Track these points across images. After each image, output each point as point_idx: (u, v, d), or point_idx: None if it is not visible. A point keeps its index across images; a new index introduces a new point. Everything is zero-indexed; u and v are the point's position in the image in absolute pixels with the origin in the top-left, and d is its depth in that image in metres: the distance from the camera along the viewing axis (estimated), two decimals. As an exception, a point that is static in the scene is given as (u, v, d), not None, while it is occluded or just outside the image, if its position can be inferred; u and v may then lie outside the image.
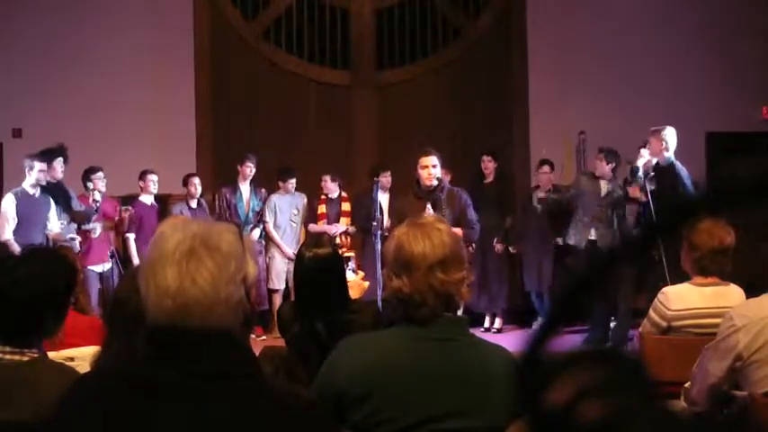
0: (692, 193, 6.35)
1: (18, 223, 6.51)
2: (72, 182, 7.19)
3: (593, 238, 7.12)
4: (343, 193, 8.17)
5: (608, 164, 7.21)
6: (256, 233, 7.87)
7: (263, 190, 8.09)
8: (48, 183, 6.76)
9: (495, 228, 7.86)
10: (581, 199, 7.25)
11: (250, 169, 7.93)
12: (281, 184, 8.10)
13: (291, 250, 7.86)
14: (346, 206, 8.14)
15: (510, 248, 7.92)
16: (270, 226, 8.06)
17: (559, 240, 7.55)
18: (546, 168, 7.80)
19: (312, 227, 7.86)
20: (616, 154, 7.28)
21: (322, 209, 8.08)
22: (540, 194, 7.83)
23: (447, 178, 7.51)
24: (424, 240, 2.06)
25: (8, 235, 6.47)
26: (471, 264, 2.22)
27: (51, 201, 6.70)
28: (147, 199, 7.66)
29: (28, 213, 6.52)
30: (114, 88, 8.54)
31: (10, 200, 6.55)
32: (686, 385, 2.93)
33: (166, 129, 8.65)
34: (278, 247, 8.07)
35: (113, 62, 8.55)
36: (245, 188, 8.00)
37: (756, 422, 2.59)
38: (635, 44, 8.88)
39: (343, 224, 8.07)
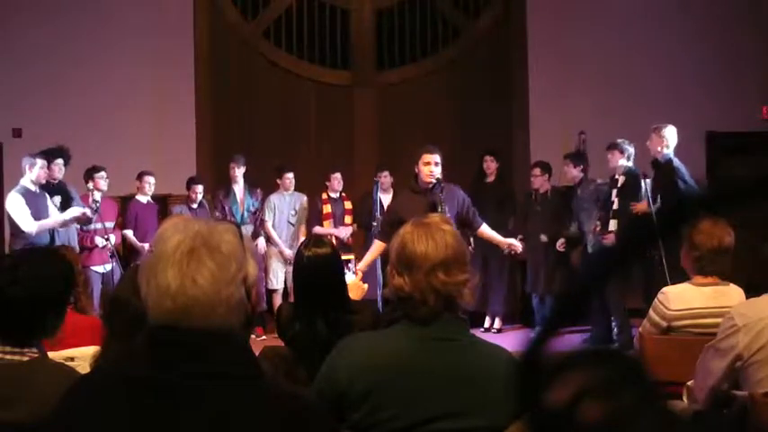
0: (692, 192, 6.37)
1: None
2: (72, 182, 7.19)
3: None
4: (343, 193, 8.17)
5: (575, 167, 7.34)
6: (261, 242, 7.87)
7: (259, 190, 8.08)
8: (48, 183, 6.77)
9: (495, 228, 7.85)
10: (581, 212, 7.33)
11: (234, 170, 7.93)
12: (278, 181, 8.10)
13: (289, 251, 7.87)
14: (348, 204, 8.15)
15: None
16: (268, 225, 8.06)
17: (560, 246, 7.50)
18: (536, 171, 7.79)
19: (317, 229, 7.76)
20: (582, 155, 7.51)
21: (327, 209, 8.05)
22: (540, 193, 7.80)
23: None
24: (427, 240, 2.06)
25: (33, 227, 6.42)
26: (472, 265, 2.21)
27: (47, 196, 6.70)
28: (143, 199, 7.66)
29: (35, 211, 6.52)
30: (114, 88, 8.54)
31: (17, 197, 6.51)
32: (689, 383, 2.93)
33: (166, 128, 8.65)
34: (277, 246, 8.07)
35: (113, 62, 8.54)
36: (237, 189, 8.00)
37: (756, 422, 2.59)
38: (635, 44, 8.88)
39: (349, 223, 8.08)
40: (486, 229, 5.67)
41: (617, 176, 6.85)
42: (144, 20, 8.63)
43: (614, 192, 6.81)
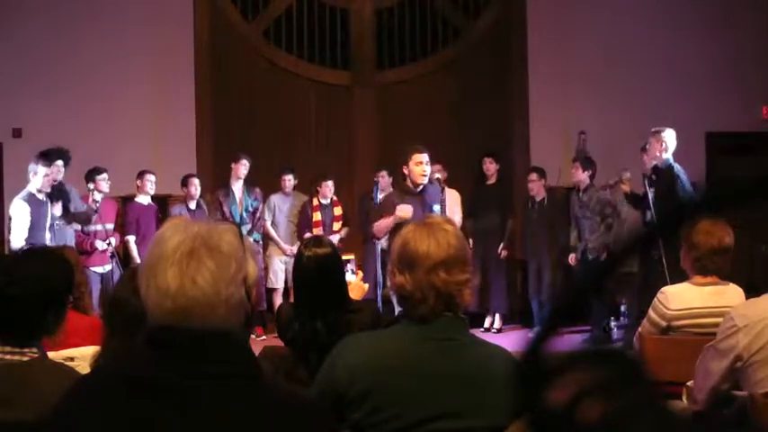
0: (692, 194, 6.37)
1: (28, 227, 6.50)
2: (72, 182, 7.18)
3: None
4: (335, 197, 8.15)
5: (584, 171, 7.31)
6: (256, 237, 7.85)
7: (258, 189, 8.07)
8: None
9: (496, 229, 7.88)
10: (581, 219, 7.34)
11: (244, 167, 7.90)
12: (279, 181, 8.11)
13: (290, 246, 7.88)
14: (338, 210, 8.13)
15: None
16: (267, 224, 8.06)
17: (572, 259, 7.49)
18: (533, 176, 7.77)
19: (308, 236, 7.78)
20: (591, 161, 7.46)
21: (317, 216, 8.02)
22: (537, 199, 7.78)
23: (443, 177, 7.52)
24: (429, 239, 2.07)
25: (20, 242, 6.42)
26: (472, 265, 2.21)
27: (49, 204, 6.69)
28: (144, 199, 7.64)
29: (37, 217, 6.51)
30: (114, 88, 8.53)
31: (23, 206, 6.49)
32: (689, 384, 2.93)
33: (166, 129, 8.65)
34: (276, 244, 8.07)
35: (113, 62, 8.54)
36: (236, 188, 7.98)
37: (756, 422, 2.59)
38: (635, 44, 8.88)
39: (337, 230, 8.04)
40: None
41: (652, 176, 6.76)
42: (144, 20, 8.63)
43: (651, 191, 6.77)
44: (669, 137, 6.44)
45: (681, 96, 8.68)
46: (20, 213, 6.46)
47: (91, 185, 7.11)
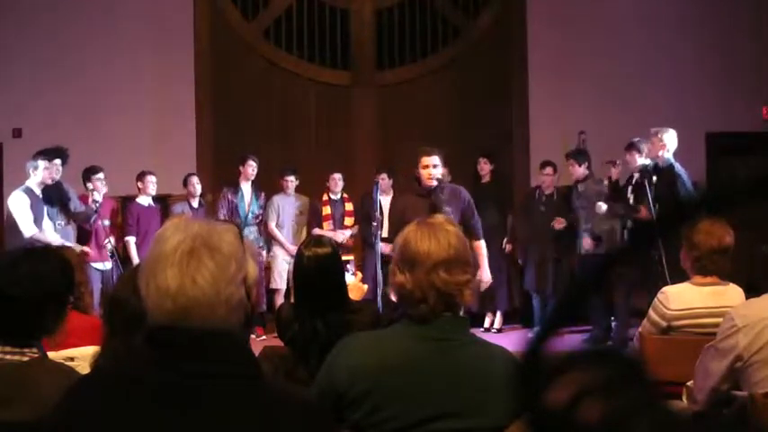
0: (692, 193, 6.38)
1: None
2: (72, 182, 7.19)
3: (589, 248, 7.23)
4: (345, 194, 8.15)
5: (580, 165, 7.36)
6: (254, 233, 7.85)
7: (263, 194, 8.07)
8: (46, 184, 6.77)
9: (494, 227, 7.87)
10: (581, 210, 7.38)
11: (252, 168, 7.91)
12: (281, 182, 8.10)
13: (294, 247, 7.87)
14: (349, 206, 8.13)
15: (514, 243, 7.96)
16: (272, 225, 8.05)
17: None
18: (549, 170, 7.78)
19: (317, 231, 7.76)
20: (584, 153, 7.55)
21: (327, 210, 8.05)
22: (547, 193, 7.80)
23: (448, 177, 7.52)
24: (430, 239, 2.07)
25: (32, 229, 6.43)
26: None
27: (45, 207, 6.70)
28: (145, 200, 7.62)
29: (35, 213, 6.52)
30: (114, 88, 8.54)
31: (23, 197, 6.51)
32: (689, 384, 2.93)
33: (167, 129, 8.65)
34: (280, 244, 8.06)
35: (114, 62, 8.55)
36: (246, 188, 7.98)
37: (756, 422, 2.59)
38: (635, 44, 8.88)
39: (349, 225, 8.06)
40: (479, 248, 5.54)
41: (634, 174, 6.79)
42: (144, 22, 8.63)
43: (629, 189, 6.80)
44: (669, 137, 6.44)
45: (681, 96, 8.68)
46: (20, 204, 6.47)
47: (90, 185, 7.11)
